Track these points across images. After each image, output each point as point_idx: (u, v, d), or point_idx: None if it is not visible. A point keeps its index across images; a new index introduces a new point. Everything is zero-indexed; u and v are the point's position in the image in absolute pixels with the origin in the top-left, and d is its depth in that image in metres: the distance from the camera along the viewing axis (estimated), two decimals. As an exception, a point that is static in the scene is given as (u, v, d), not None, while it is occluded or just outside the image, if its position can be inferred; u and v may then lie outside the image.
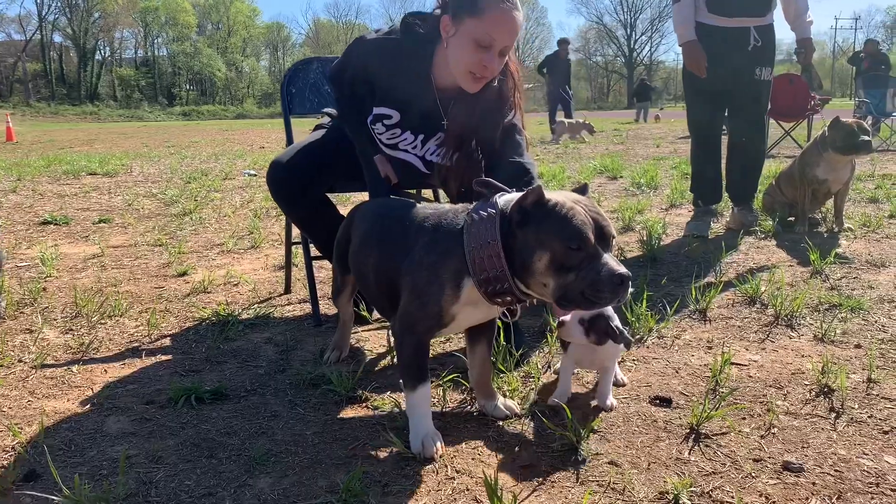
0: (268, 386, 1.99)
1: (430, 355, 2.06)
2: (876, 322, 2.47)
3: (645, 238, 3.63)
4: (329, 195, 2.44)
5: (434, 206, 1.73)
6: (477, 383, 1.78)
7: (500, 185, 1.60)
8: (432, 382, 1.94)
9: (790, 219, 4.23)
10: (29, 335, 2.44)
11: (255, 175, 7.84)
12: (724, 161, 4.16)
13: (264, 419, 1.77)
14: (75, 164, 8.89)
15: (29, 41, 67.02)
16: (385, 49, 2.14)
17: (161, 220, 4.97)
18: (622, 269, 1.40)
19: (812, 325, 2.46)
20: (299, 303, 2.81)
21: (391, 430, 1.67)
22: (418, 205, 1.72)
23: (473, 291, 1.53)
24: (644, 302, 2.46)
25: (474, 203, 1.57)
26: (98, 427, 1.73)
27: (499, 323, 2.03)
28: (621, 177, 6.94)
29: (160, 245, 4.06)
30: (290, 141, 2.78)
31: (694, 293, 2.68)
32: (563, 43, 15.20)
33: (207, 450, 1.61)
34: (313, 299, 2.56)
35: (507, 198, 1.55)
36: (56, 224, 4.83)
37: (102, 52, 68.47)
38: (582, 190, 1.59)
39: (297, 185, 2.33)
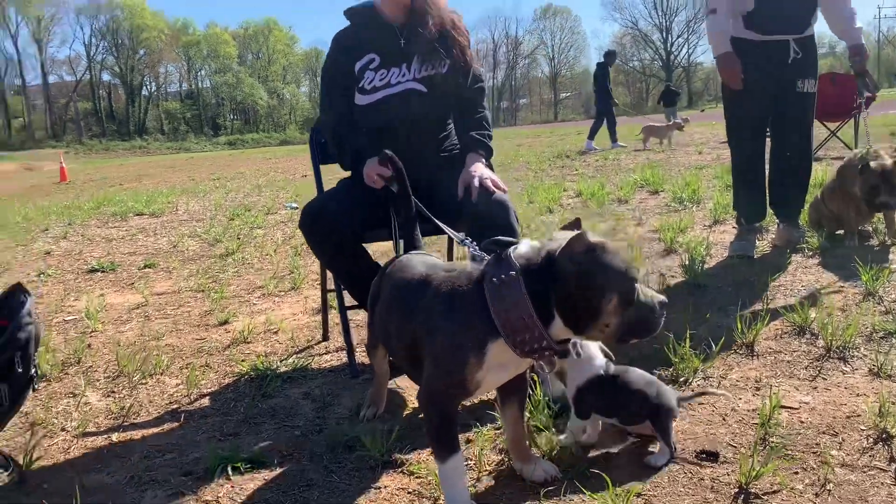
0: (304, 449, 1.97)
1: (467, 406, 2.03)
2: (936, 351, 2.35)
3: (687, 263, 3.53)
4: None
5: (450, 267, 1.69)
6: (511, 445, 1.74)
7: (507, 240, 1.57)
8: (468, 441, 1.90)
9: (839, 232, 4.08)
10: (72, 399, 2.48)
11: (297, 208, 7.91)
12: (767, 174, 4.03)
13: (299, 489, 1.75)
14: (123, 205, 9.10)
15: (79, 82, 69.37)
16: (344, 28, 2.57)
17: (205, 261, 5.04)
18: (660, 296, 1.53)
19: (866, 356, 2.35)
20: (337, 351, 2.80)
21: (428, 499, 1.63)
22: (437, 265, 1.70)
23: (498, 354, 1.49)
24: (687, 341, 2.39)
25: (486, 263, 1.53)
26: (134, 502, 1.73)
27: (534, 377, 1.99)
28: (662, 190, 6.81)
29: (203, 290, 4.11)
30: (320, 191, 2.78)
31: (740, 326, 2.59)
32: (612, 55, 15.35)
33: (243, 526, 1.59)
34: (349, 350, 2.55)
35: (524, 252, 1.51)
36: (103, 271, 4.93)
37: (148, 87, 70.46)
38: (576, 224, 1.59)
39: (328, 231, 2.34)
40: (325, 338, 2.97)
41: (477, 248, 1.83)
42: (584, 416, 1.80)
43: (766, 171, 3.96)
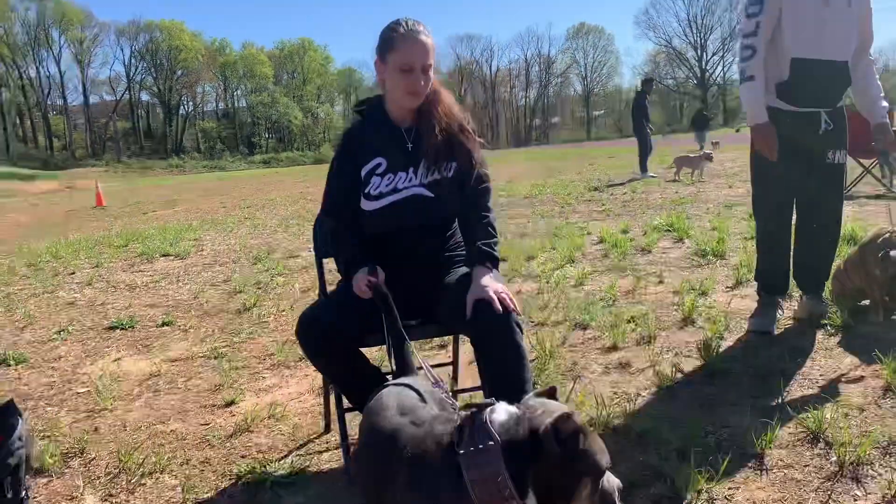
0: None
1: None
2: (955, 472, 2.24)
3: (703, 345, 3.45)
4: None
5: (420, 419, 1.62)
6: None
7: (484, 402, 1.52)
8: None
9: (864, 302, 3.96)
10: (69, 503, 2.48)
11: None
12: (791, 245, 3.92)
13: None
14: (150, 244, 9.22)
15: (119, 101, 71.00)
16: (351, 129, 2.60)
17: (222, 318, 5.06)
18: (617, 481, 1.48)
19: (881, 475, 2.25)
20: (336, 448, 2.76)
21: None
22: (413, 409, 1.65)
23: None
24: (692, 458, 2.31)
25: (459, 426, 1.48)
26: None
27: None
28: (688, 238, 6.69)
29: (216, 357, 4.11)
30: (322, 288, 2.77)
31: (750, 435, 2.50)
32: (649, 83, 15.44)
33: None
34: (345, 454, 2.51)
35: (502, 420, 1.45)
36: (122, 329, 4.97)
37: (186, 106, 71.89)
38: (552, 394, 1.55)
39: (322, 342, 2.32)
40: (327, 430, 2.94)
41: (450, 396, 1.80)
42: None
43: (791, 243, 3.86)
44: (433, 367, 3.02)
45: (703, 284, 4.74)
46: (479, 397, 2.82)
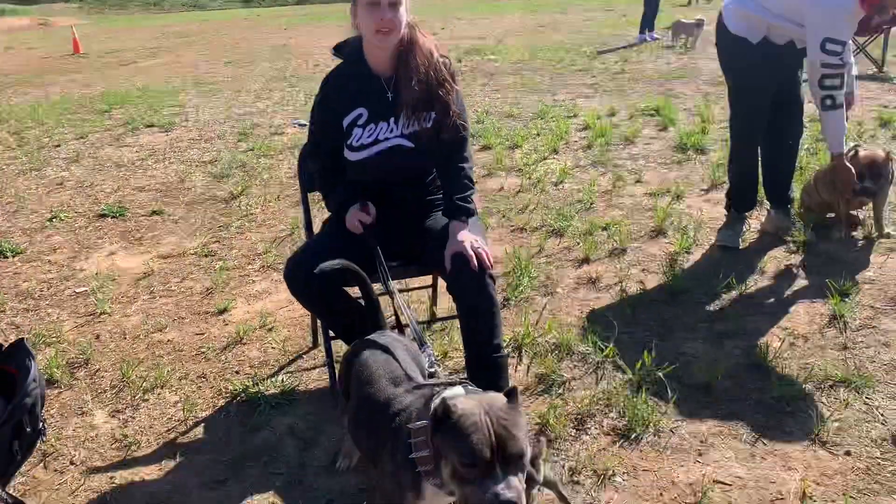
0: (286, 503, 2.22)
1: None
2: (875, 410, 2.51)
3: (668, 260, 3.66)
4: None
5: (398, 395, 1.81)
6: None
7: (443, 382, 1.72)
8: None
9: (829, 215, 4.14)
10: (80, 419, 2.73)
11: (305, 125, 7.91)
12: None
13: (275, 561, 2.00)
14: (134, 113, 9.11)
15: (88, -70, 66.44)
16: (331, 75, 2.61)
17: (210, 207, 5.18)
18: (508, 495, 1.41)
19: (810, 413, 2.51)
20: (323, 366, 2.99)
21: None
22: (396, 377, 1.84)
23: (436, 492, 1.66)
24: (644, 392, 2.56)
25: (421, 406, 1.67)
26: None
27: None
28: (672, 125, 6.74)
29: (207, 256, 4.28)
30: (308, 225, 2.90)
31: (701, 366, 2.76)
32: None
33: None
34: (332, 380, 2.75)
35: (444, 397, 1.64)
36: (113, 217, 5.10)
37: (160, -63, 67.43)
38: (509, 395, 1.56)
39: (309, 285, 2.47)
40: (315, 344, 3.17)
41: (433, 357, 1.99)
42: None
43: (759, 160, 3.98)
44: (414, 288, 3.22)
45: (678, 187, 4.88)
46: (454, 326, 3.04)
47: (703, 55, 11.78)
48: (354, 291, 2.43)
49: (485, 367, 2.36)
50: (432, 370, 2.00)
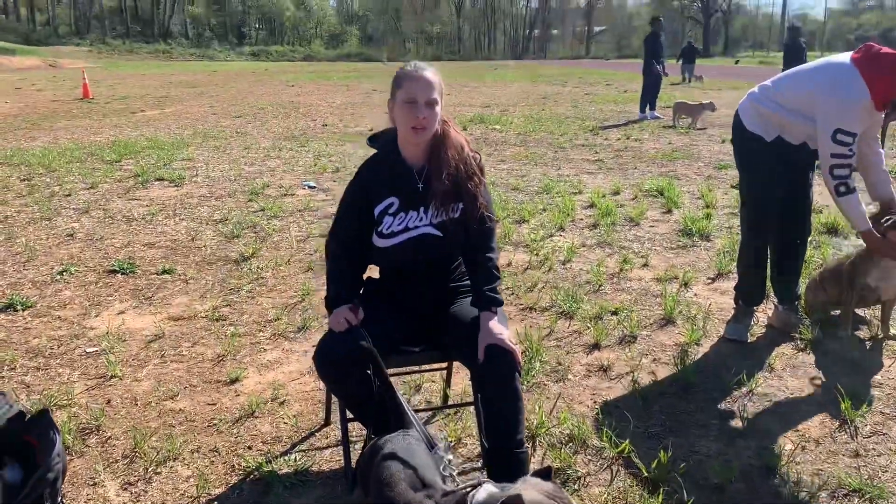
0: None
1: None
2: (891, 523, 2.52)
3: (679, 352, 3.69)
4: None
5: (419, 500, 1.82)
6: None
7: (475, 482, 1.74)
8: None
9: (834, 312, 4.20)
10: (92, 490, 2.70)
11: (315, 188, 8.03)
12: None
13: None
14: (143, 164, 9.22)
15: (104, -23, 68.11)
16: (366, 165, 2.70)
17: (221, 269, 5.22)
18: None
19: (826, 522, 2.52)
20: (337, 444, 2.99)
21: None
22: (410, 495, 1.84)
23: None
24: (661, 496, 2.57)
25: None
26: None
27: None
28: (676, 208, 6.86)
29: (218, 320, 4.30)
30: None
31: (715, 467, 2.77)
32: (657, 22, 15.30)
33: None
34: (346, 463, 2.73)
35: (481, 500, 1.66)
36: (123, 273, 5.13)
37: (175, -11, 69.13)
38: (546, 474, 1.69)
39: (346, 371, 2.46)
40: (327, 422, 3.16)
41: (450, 465, 2.01)
42: None
43: (768, 257, 4.06)
44: (428, 370, 3.24)
45: (685, 274, 4.95)
46: (468, 412, 3.05)
47: (703, 136, 12.07)
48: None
49: (507, 463, 2.37)
50: (447, 474, 2.00)
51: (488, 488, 1.71)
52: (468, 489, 1.74)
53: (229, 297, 4.70)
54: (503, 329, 2.46)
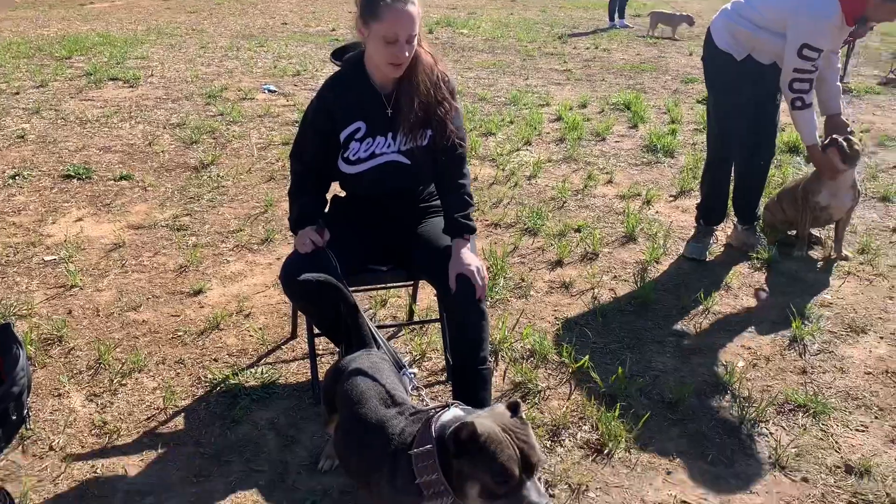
0: (269, 501, 2.26)
1: None
2: (830, 437, 2.66)
3: (639, 269, 3.77)
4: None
5: (391, 417, 1.87)
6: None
7: (436, 406, 1.79)
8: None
9: (791, 232, 4.31)
10: (57, 401, 2.71)
11: (276, 91, 7.80)
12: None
13: (261, 563, 2.05)
14: (95, 63, 8.80)
15: None
16: (332, 83, 2.55)
17: (180, 176, 5.10)
18: (542, 501, 1.56)
19: (772, 437, 2.65)
20: (304, 357, 3.02)
21: None
22: (382, 412, 1.88)
23: None
24: (617, 409, 2.67)
25: (419, 428, 1.73)
26: (119, 567, 2.02)
27: None
28: (642, 123, 6.85)
29: (179, 229, 4.24)
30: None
31: (670, 383, 2.88)
32: None
33: None
34: (314, 376, 2.78)
35: (445, 421, 1.70)
36: (79, 179, 4.98)
37: None
38: (514, 408, 1.67)
39: (310, 284, 2.44)
40: (294, 335, 3.18)
41: (415, 378, 2.05)
42: None
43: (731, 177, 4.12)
44: (395, 286, 3.26)
45: (648, 192, 4.99)
46: (433, 328, 3.09)
47: (673, 48, 11.94)
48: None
49: (471, 380, 2.42)
50: (415, 394, 2.04)
51: (454, 412, 1.75)
52: (436, 410, 1.78)
53: (189, 206, 4.61)
54: (474, 259, 2.44)
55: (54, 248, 3.97)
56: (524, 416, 1.67)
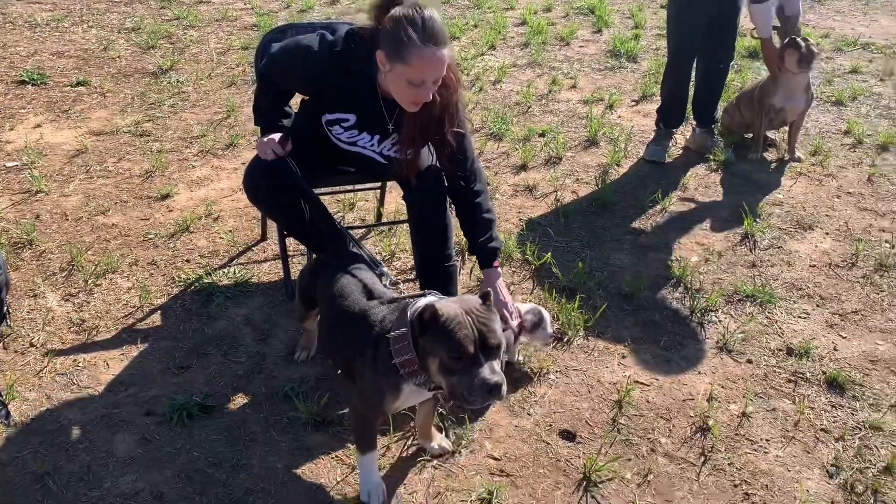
0: (247, 391, 2.38)
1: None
2: (775, 323, 2.86)
3: (600, 172, 3.88)
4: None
5: (371, 307, 1.98)
6: (420, 429, 2.19)
7: (411, 295, 1.91)
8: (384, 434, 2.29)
9: (748, 135, 4.43)
10: (34, 301, 2.77)
11: (232, -6, 7.55)
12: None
13: (244, 443, 2.19)
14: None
15: None
16: (335, 62, 2.32)
17: (139, 81, 5.01)
18: (494, 378, 1.66)
19: (720, 324, 2.84)
20: (275, 258, 3.10)
21: (348, 466, 2.10)
22: (364, 303, 1.99)
23: (411, 390, 1.87)
24: (577, 301, 2.82)
25: (397, 316, 1.85)
26: (109, 449, 2.14)
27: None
28: (606, 28, 6.83)
29: (141, 135, 4.21)
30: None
31: (626, 277, 3.04)
32: None
33: (200, 485, 2.04)
34: (286, 274, 2.86)
35: (417, 306, 1.82)
36: (34, 85, 4.87)
37: None
38: (485, 297, 1.79)
39: (275, 191, 2.49)
40: (263, 237, 3.25)
41: (389, 281, 2.15)
42: None
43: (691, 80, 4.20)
44: (362, 189, 3.33)
45: (611, 96, 5.05)
46: (402, 229, 3.18)
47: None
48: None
49: (437, 275, 2.53)
50: (392, 287, 2.15)
51: (430, 299, 1.86)
52: (413, 299, 1.88)
53: (150, 112, 4.56)
54: (507, 295, 2.44)
55: (15, 154, 3.93)
56: (491, 305, 1.78)
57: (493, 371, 1.69)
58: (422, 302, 1.83)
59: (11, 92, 4.76)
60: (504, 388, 1.69)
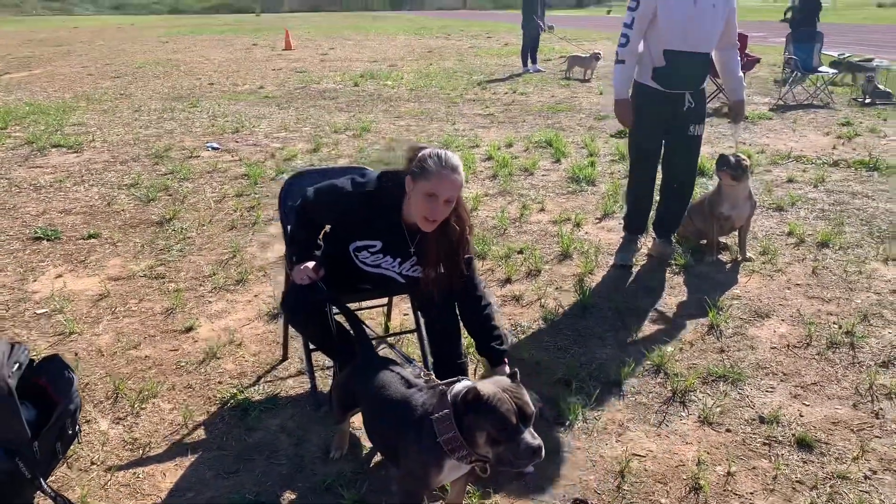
0: (293, 488, 2.67)
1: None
2: (746, 398, 3.25)
3: (577, 281, 4.35)
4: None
5: (413, 394, 2.34)
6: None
7: (449, 382, 2.27)
8: None
9: (702, 242, 4.98)
10: (87, 426, 3.05)
11: (219, 148, 8.19)
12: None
13: (298, 531, 2.46)
14: (34, 132, 9.01)
15: (-62, -77, 61.95)
16: (364, 200, 2.80)
17: (146, 231, 5.44)
18: (536, 442, 2.02)
19: (699, 401, 3.23)
20: (298, 374, 3.44)
21: (391, 543, 2.39)
22: (405, 391, 2.36)
23: (452, 465, 2.20)
24: (573, 388, 3.20)
25: (437, 400, 2.21)
26: (179, 545, 2.40)
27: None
28: (564, 158, 7.54)
29: (157, 278, 4.59)
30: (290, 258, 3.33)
31: (613, 368, 3.43)
32: None
33: (264, 568, 2.30)
34: (312, 386, 3.21)
35: (457, 389, 2.19)
36: (48, 240, 5.27)
37: (21, -64, 63.80)
38: (512, 376, 2.17)
39: (312, 313, 2.90)
40: (285, 357, 3.60)
41: (421, 369, 2.53)
42: None
43: (653, 195, 4.77)
44: (372, 307, 3.72)
45: (577, 216, 5.62)
46: (409, 339, 3.57)
47: (583, 89, 12.87)
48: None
49: (452, 371, 2.89)
50: (424, 377, 2.53)
51: (465, 382, 2.23)
52: (449, 383, 2.25)
53: (162, 257, 4.97)
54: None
55: (43, 302, 4.27)
56: (518, 381, 2.16)
57: (533, 436, 2.04)
58: (459, 386, 2.20)
59: (29, 248, 5.15)
60: (543, 449, 2.03)
